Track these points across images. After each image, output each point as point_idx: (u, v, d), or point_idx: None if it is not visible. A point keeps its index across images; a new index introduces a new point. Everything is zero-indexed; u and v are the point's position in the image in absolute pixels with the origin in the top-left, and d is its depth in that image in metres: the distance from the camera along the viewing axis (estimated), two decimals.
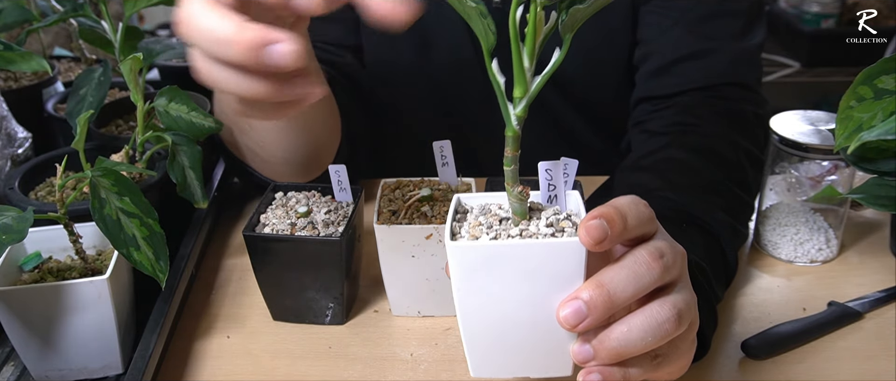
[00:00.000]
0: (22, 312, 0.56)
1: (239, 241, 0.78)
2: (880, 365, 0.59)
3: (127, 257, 0.55)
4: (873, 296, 0.66)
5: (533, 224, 0.43)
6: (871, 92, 0.47)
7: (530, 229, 0.43)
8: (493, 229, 0.43)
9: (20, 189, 0.68)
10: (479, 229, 0.43)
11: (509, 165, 0.42)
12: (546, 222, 0.43)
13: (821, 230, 0.72)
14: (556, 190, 0.45)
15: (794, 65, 2.04)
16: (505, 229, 0.43)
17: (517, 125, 0.41)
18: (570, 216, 0.44)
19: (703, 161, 0.71)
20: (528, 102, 0.40)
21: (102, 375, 0.59)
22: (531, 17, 0.39)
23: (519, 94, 0.40)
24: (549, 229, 0.43)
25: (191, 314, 0.68)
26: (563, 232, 0.43)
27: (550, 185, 0.45)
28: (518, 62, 0.39)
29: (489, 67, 0.40)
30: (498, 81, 0.40)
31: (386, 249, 0.61)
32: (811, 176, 0.71)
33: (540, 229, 0.43)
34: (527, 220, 0.44)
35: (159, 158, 0.72)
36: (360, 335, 0.64)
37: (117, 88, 0.95)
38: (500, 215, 0.45)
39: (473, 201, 0.48)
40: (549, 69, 0.40)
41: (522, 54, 0.39)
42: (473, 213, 0.46)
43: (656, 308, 0.43)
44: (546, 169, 0.45)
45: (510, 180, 0.42)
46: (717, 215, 0.64)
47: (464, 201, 0.48)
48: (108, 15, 0.74)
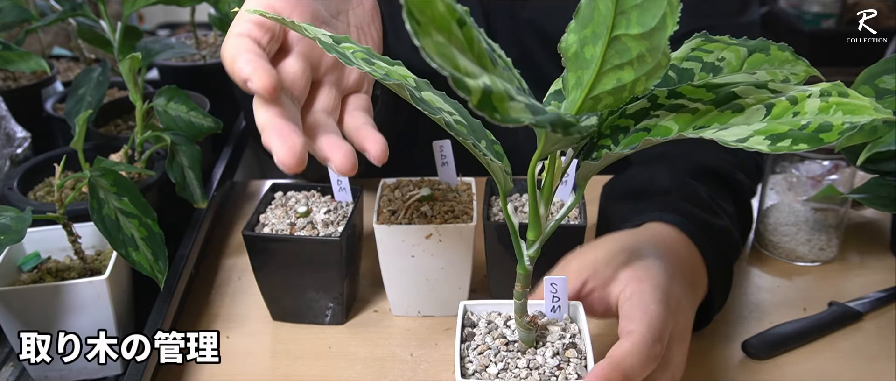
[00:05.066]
0: (21, 312, 0.56)
1: (238, 241, 0.78)
2: (880, 365, 0.59)
3: (126, 257, 0.55)
4: (873, 296, 0.66)
5: (539, 354, 0.46)
6: (871, 92, 0.47)
7: (537, 359, 0.46)
8: (501, 356, 0.46)
9: (19, 189, 0.68)
10: (488, 354, 0.46)
11: (519, 299, 0.44)
12: (552, 351, 0.46)
13: (821, 230, 0.72)
14: (559, 302, 0.48)
15: None
16: (513, 357, 0.46)
17: (529, 264, 0.43)
18: (575, 340, 0.47)
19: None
20: (541, 245, 0.42)
21: (102, 375, 0.59)
22: (549, 167, 0.41)
23: (533, 236, 0.42)
24: (555, 360, 0.45)
25: (190, 315, 0.67)
26: (569, 363, 0.45)
27: (555, 297, 0.48)
28: (534, 209, 0.41)
29: (505, 210, 0.42)
30: (513, 223, 0.42)
31: (386, 249, 0.61)
32: (812, 176, 0.71)
33: (546, 361, 0.45)
34: (534, 348, 0.46)
35: (158, 157, 0.72)
36: (359, 335, 0.64)
37: (116, 87, 0.95)
38: (507, 335, 0.47)
39: (480, 310, 0.50)
40: (562, 214, 0.42)
41: (538, 203, 0.41)
42: (480, 330, 0.48)
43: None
44: (551, 284, 0.48)
45: (519, 312, 0.45)
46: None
47: (470, 310, 0.50)
48: (106, 14, 0.74)
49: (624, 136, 0.40)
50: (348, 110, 0.49)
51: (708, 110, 0.37)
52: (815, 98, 0.34)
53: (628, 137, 0.40)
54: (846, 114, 0.33)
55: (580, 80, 0.36)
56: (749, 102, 0.36)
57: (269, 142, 0.40)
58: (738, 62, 0.41)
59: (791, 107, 0.35)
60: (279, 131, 0.40)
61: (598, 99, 0.36)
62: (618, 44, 0.33)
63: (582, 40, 0.35)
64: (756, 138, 0.33)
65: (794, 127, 0.33)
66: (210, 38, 1.10)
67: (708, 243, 0.59)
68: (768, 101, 0.36)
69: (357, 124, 0.47)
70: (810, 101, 0.34)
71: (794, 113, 0.34)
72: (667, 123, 0.38)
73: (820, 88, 0.34)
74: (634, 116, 0.40)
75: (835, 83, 0.34)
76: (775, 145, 0.33)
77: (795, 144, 0.32)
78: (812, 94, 0.34)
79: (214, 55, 1.01)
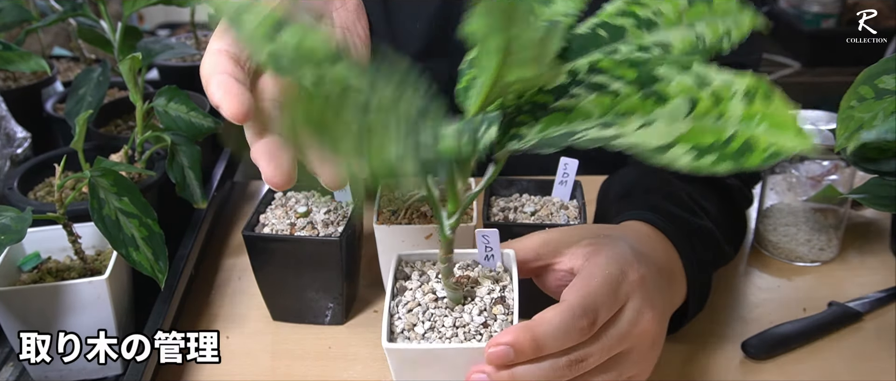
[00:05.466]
0: (21, 312, 0.56)
1: (238, 241, 0.78)
2: (880, 365, 0.59)
3: (126, 257, 0.55)
4: (873, 296, 0.66)
5: (466, 312, 0.46)
6: (871, 92, 0.47)
7: (463, 317, 0.45)
8: (429, 314, 0.46)
9: (19, 189, 0.68)
10: (416, 311, 0.46)
11: (444, 263, 0.45)
12: (479, 308, 0.46)
13: (821, 230, 0.72)
14: (492, 252, 0.49)
15: (795, 65, 2.04)
16: (441, 315, 0.46)
17: (450, 233, 0.43)
18: (505, 294, 0.47)
19: None
20: (460, 215, 0.42)
21: (102, 375, 0.59)
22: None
23: (452, 208, 0.42)
24: (481, 318, 0.45)
25: (190, 315, 0.67)
26: (495, 320, 0.45)
27: (487, 247, 0.48)
28: (451, 183, 0.41)
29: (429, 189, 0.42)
30: (433, 194, 0.42)
31: (386, 249, 0.61)
32: (811, 176, 0.71)
33: (473, 319, 0.45)
34: (461, 305, 0.46)
35: (158, 158, 0.72)
36: (360, 335, 0.64)
37: (116, 87, 0.95)
38: (437, 290, 0.47)
39: (415, 259, 0.51)
40: (482, 184, 0.42)
41: (456, 177, 0.41)
42: (412, 283, 0.48)
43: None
44: (483, 235, 0.48)
45: (445, 274, 0.45)
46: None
47: (404, 260, 0.50)
48: (107, 14, 0.74)
49: (542, 113, 0.39)
50: None
51: (630, 94, 0.36)
52: (739, 99, 0.33)
53: (548, 116, 0.39)
54: (770, 127, 0.32)
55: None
56: (672, 91, 0.35)
57: (257, 160, 0.40)
58: (675, 14, 0.39)
59: (714, 107, 0.34)
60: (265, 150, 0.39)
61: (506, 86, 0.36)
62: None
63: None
64: (680, 148, 0.33)
65: (718, 139, 0.32)
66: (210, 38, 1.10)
67: (682, 237, 0.57)
68: (692, 94, 0.35)
69: None
70: (734, 103, 0.33)
71: (718, 115, 0.33)
72: (587, 104, 0.37)
73: (745, 84, 0.33)
74: (553, 91, 0.39)
75: (759, 79, 0.33)
76: (698, 161, 0.32)
77: (719, 163, 0.32)
78: (736, 92, 0.33)
79: None
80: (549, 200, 0.64)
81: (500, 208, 0.63)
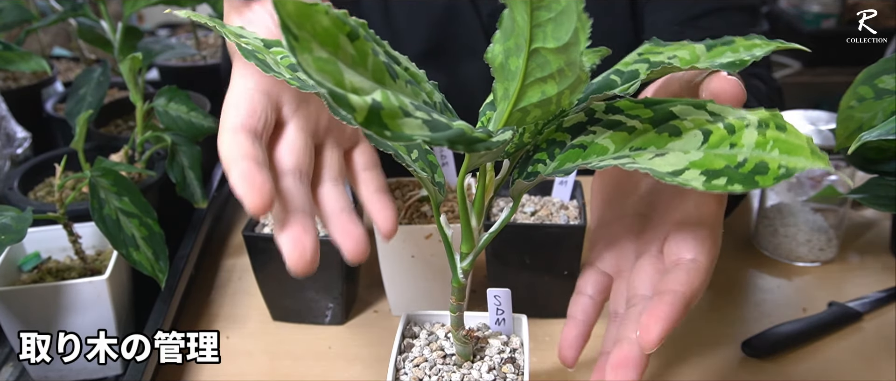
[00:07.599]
0: (21, 312, 0.56)
1: (238, 241, 0.78)
2: (880, 365, 0.59)
3: (126, 257, 0.55)
4: (873, 296, 0.66)
5: (475, 369, 0.45)
6: (871, 92, 0.47)
7: (472, 374, 0.45)
8: (436, 369, 0.45)
9: (19, 189, 0.68)
10: (423, 366, 0.45)
11: (454, 311, 0.44)
12: (489, 365, 0.45)
13: (821, 230, 0.72)
14: (504, 315, 0.48)
15: (795, 65, 2.04)
16: (448, 371, 0.45)
17: (463, 278, 0.42)
18: (515, 355, 0.46)
19: None
20: (474, 258, 0.42)
21: (102, 375, 0.59)
22: (480, 180, 0.40)
23: (466, 249, 0.42)
24: (491, 375, 0.44)
25: (190, 315, 0.67)
26: (505, 379, 0.44)
27: (499, 310, 0.48)
28: (465, 222, 0.40)
29: (438, 222, 0.42)
30: (446, 233, 0.41)
31: (386, 249, 0.61)
32: (811, 176, 0.71)
33: (482, 376, 0.45)
34: (470, 362, 0.45)
35: (159, 158, 0.72)
36: (360, 335, 0.64)
37: (116, 87, 0.95)
38: (445, 348, 0.47)
39: (423, 319, 0.50)
40: (497, 226, 0.41)
41: (470, 215, 0.40)
42: (420, 341, 0.48)
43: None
44: (495, 296, 0.47)
45: (455, 325, 0.44)
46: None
47: (413, 320, 0.50)
48: (107, 15, 0.74)
49: (560, 151, 0.39)
50: (359, 173, 0.48)
51: (645, 130, 0.37)
52: (753, 129, 0.33)
53: (564, 153, 0.39)
54: (782, 153, 0.32)
55: (507, 91, 0.35)
56: (687, 125, 0.36)
57: (279, 241, 0.38)
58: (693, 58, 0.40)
59: (728, 137, 0.34)
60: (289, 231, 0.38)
61: (525, 111, 0.35)
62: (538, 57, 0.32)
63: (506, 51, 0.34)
64: (692, 172, 0.33)
65: (730, 163, 0.33)
66: (210, 38, 1.10)
67: None
68: (706, 126, 0.35)
69: (369, 192, 0.47)
70: (748, 132, 0.34)
71: (731, 144, 0.34)
72: (603, 141, 0.38)
73: (758, 116, 0.34)
74: (571, 130, 0.39)
75: (773, 113, 0.34)
76: (710, 182, 0.32)
77: (731, 184, 0.32)
78: (749, 123, 0.34)
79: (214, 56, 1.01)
80: (549, 200, 0.64)
81: (499, 209, 0.63)
